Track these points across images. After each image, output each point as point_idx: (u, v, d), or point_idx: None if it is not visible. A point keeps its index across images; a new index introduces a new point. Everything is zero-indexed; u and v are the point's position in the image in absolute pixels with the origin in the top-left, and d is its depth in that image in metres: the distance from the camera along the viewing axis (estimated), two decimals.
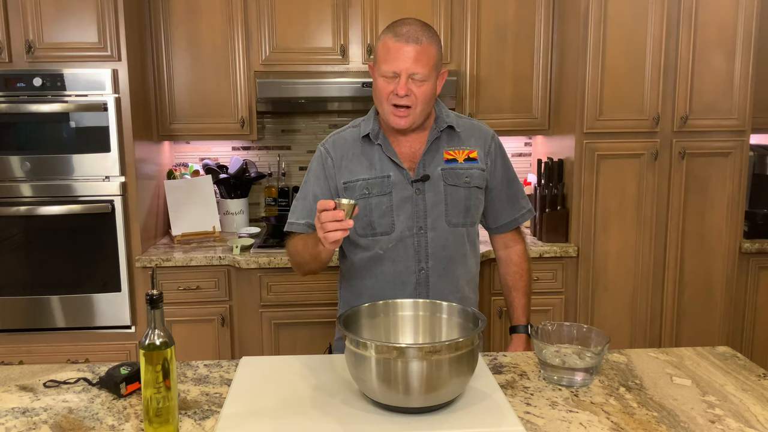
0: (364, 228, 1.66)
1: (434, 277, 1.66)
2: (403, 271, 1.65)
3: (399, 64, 1.54)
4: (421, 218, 1.64)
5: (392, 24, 1.60)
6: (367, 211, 1.64)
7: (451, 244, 1.67)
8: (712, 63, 2.79)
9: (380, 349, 1.21)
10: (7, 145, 2.68)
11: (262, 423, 1.23)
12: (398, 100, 1.56)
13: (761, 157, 3.03)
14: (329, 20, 2.98)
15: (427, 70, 1.55)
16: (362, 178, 1.65)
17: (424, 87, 1.56)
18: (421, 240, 1.65)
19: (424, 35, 1.56)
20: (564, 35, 2.95)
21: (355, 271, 1.72)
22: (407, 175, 1.64)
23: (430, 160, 1.66)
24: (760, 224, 2.98)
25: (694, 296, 2.92)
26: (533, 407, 1.33)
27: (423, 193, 1.64)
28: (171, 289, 2.77)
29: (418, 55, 1.53)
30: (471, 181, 1.67)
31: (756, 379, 1.46)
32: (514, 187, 1.79)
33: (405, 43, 1.54)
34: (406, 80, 1.54)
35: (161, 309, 1.19)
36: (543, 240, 2.94)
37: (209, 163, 3.27)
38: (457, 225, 1.67)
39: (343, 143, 1.70)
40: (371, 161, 1.66)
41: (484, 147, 1.71)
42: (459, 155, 1.68)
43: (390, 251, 1.65)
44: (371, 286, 1.69)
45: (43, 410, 1.35)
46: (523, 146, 3.45)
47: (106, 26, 2.66)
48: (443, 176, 1.65)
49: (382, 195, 1.64)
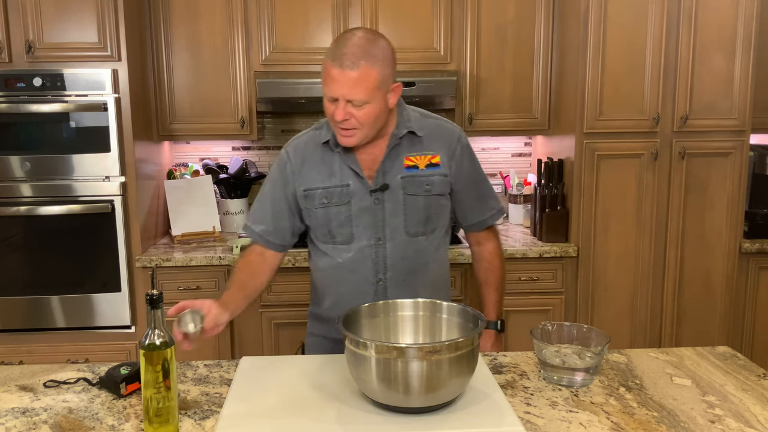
0: (324, 236, 1.65)
1: (392, 288, 1.64)
2: (361, 282, 1.64)
3: (336, 90, 1.48)
4: (380, 229, 1.62)
5: (336, 41, 1.52)
6: (326, 221, 1.63)
7: (411, 254, 1.64)
8: (712, 63, 2.79)
9: (380, 349, 1.21)
10: (7, 145, 2.68)
11: (262, 423, 1.23)
12: (341, 123, 1.52)
13: (761, 157, 3.03)
14: (329, 20, 2.98)
15: (365, 95, 1.48)
16: (322, 187, 1.62)
17: (364, 110, 1.50)
18: (380, 251, 1.63)
19: (364, 58, 1.47)
20: (564, 35, 2.95)
21: (320, 274, 1.72)
22: (366, 185, 1.61)
23: (389, 167, 1.62)
24: (760, 224, 2.97)
25: (694, 296, 2.92)
26: (533, 407, 1.33)
27: (382, 203, 1.61)
28: (171, 289, 2.77)
29: (354, 82, 1.47)
30: (432, 188, 1.63)
31: (756, 379, 1.46)
32: (483, 187, 1.76)
33: (341, 69, 1.46)
34: (344, 105, 1.49)
35: (161, 309, 1.19)
36: (543, 240, 2.94)
37: (209, 163, 3.27)
38: (417, 234, 1.65)
39: (304, 148, 1.67)
40: (331, 169, 1.63)
41: (448, 151, 1.66)
42: (420, 161, 1.63)
43: (349, 261, 1.64)
44: (334, 292, 1.69)
45: (43, 410, 1.35)
46: (523, 146, 3.45)
47: (106, 26, 2.65)
48: (402, 185, 1.62)
49: (341, 205, 1.61)
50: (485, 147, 3.43)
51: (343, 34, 1.53)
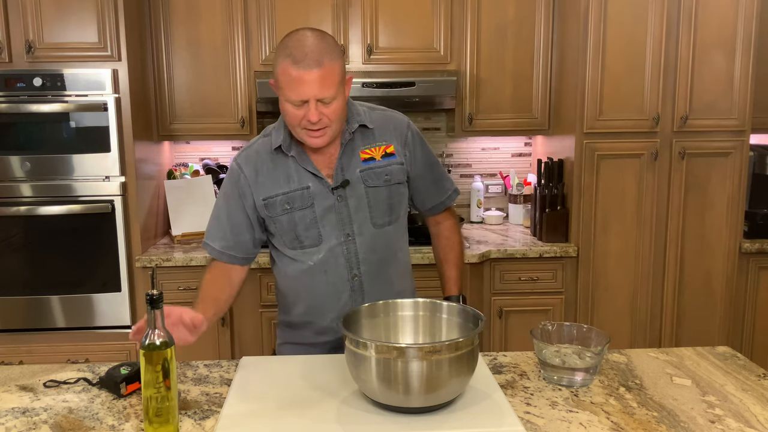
0: (291, 241, 1.62)
1: (368, 282, 1.63)
2: (336, 281, 1.62)
3: (305, 92, 1.45)
4: (347, 225, 1.61)
5: (289, 45, 1.47)
6: (292, 226, 1.60)
7: (380, 246, 1.64)
8: (712, 63, 2.79)
9: (380, 349, 1.21)
10: (7, 145, 2.68)
11: (262, 423, 1.23)
12: (312, 126, 1.49)
13: (761, 157, 3.03)
14: (329, 20, 2.98)
15: (333, 90, 1.47)
16: (281, 193, 1.59)
17: (333, 106, 1.49)
18: (350, 247, 1.61)
19: (325, 55, 1.45)
20: (564, 35, 2.95)
21: (288, 282, 1.69)
22: (326, 184, 1.59)
23: (347, 163, 1.61)
24: (760, 224, 2.97)
25: (694, 296, 2.92)
26: (533, 407, 1.33)
27: (345, 200, 1.60)
28: (171, 289, 2.77)
29: (322, 80, 1.45)
30: (391, 178, 1.63)
31: (756, 379, 1.46)
32: (437, 171, 1.76)
33: (306, 69, 1.43)
34: (315, 105, 1.47)
35: (161, 309, 1.19)
36: (543, 240, 2.94)
37: (209, 163, 3.27)
38: (383, 225, 1.64)
39: (255, 157, 1.62)
40: (288, 174, 1.60)
41: (400, 139, 1.66)
42: (376, 152, 1.63)
43: (321, 263, 1.62)
44: (306, 297, 1.66)
45: (43, 410, 1.35)
46: (523, 146, 3.45)
47: (106, 26, 2.66)
48: (363, 178, 1.61)
49: (304, 208, 1.59)
50: (485, 147, 3.43)
51: (293, 37, 1.49)
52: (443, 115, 3.33)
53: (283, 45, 1.49)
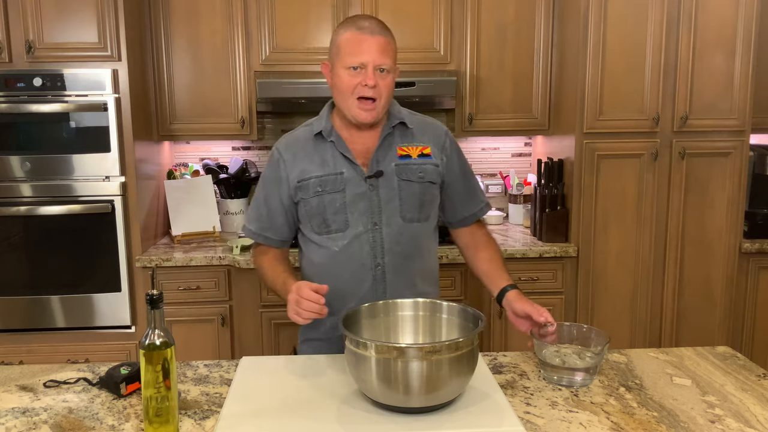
0: (318, 226, 1.66)
1: (390, 274, 1.65)
2: (359, 269, 1.65)
3: (365, 56, 1.54)
4: (376, 214, 1.64)
5: (350, 19, 1.62)
6: (321, 209, 1.64)
7: (406, 239, 1.66)
8: (712, 63, 2.79)
9: (380, 349, 1.21)
10: (7, 145, 2.68)
11: (262, 423, 1.23)
12: (366, 92, 1.56)
13: (761, 157, 3.03)
14: (329, 20, 2.98)
15: (391, 62, 1.58)
16: (315, 176, 1.64)
17: (388, 79, 1.58)
18: (377, 236, 1.64)
19: (386, 29, 1.59)
20: (564, 35, 2.95)
21: (314, 269, 1.71)
22: (360, 172, 1.63)
23: (383, 156, 1.65)
24: (760, 224, 2.97)
25: (694, 296, 2.92)
26: (533, 407, 1.33)
27: (377, 189, 1.63)
28: (171, 289, 2.77)
29: (383, 48, 1.56)
30: (425, 176, 1.66)
31: (756, 379, 1.46)
32: (472, 182, 1.79)
33: (370, 35, 1.55)
34: (373, 71, 1.55)
35: (161, 309, 1.19)
36: (543, 240, 2.94)
37: (209, 163, 3.27)
38: (412, 220, 1.66)
39: (295, 142, 1.70)
40: (324, 158, 1.65)
41: (437, 143, 1.70)
42: (412, 151, 1.67)
43: (345, 248, 1.64)
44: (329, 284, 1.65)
45: (43, 410, 1.35)
46: (523, 146, 3.45)
47: (106, 26, 2.66)
48: (396, 172, 1.64)
49: (335, 192, 1.63)
50: (485, 147, 3.43)
51: (354, 16, 1.63)
52: (443, 115, 3.33)
53: (344, 22, 1.62)
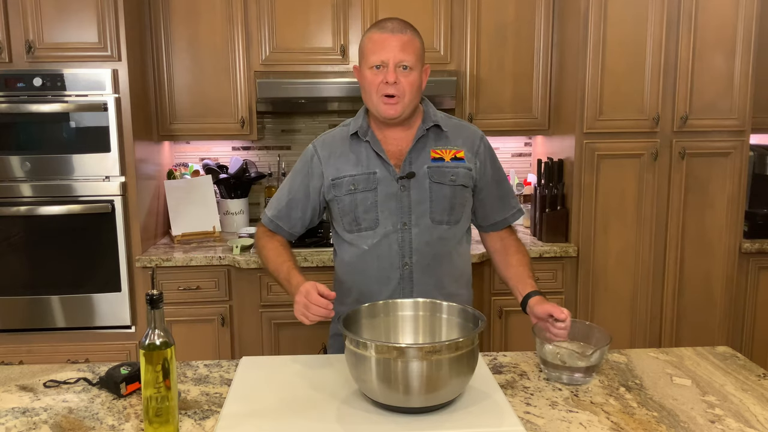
0: (349, 224, 1.69)
1: (418, 273, 1.67)
2: (387, 267, 1.67)
3: (386, 54, 1.59)
4: (406, 214, 1.66)
5: (376, 22, 1.67)
6: (353, 207, 1.67)
7: (435, 240, 1.68)
8: (712, 63, 2.79)
9: (380, 349, 1.21)
10: (7, 145, 2.68)
11: (262, 423, 1.23)
12: (387, 89, 1.60)
13: (761, 157, 3.03)
14: (329, 20, 2.98)
15: (413, 58, 1.60)
16: (349, 174, 1.67)
17: (411, 76, 1.61)
18: (405, 236, 1.66)
19: (409, 28, 1.63)
20: (564, 35, 2.95)
21: (345, 268, 1.74)
22: (393, 172, 1.66)
23: (416, 157, 1.67)
24: (760, 224, 2.97)
25: (694, 296, 2.92)
26: (533, 407, 1.33)
27: (408, 190, 1.66)
28: (171, 289, 2.77)
29: (404, 45, 1.59)
30: (457, 179, 1.68)
31: (756, 379, 1.46)
32: (505, 187, 1.80)
33: (391, 34, 1.60)
34: (393, 68, 1.59)
35: (161, 309, 1.19)
36: (543, 240, 2.94)
37: (209, 163, 3.27)
38: (441, 222, 1.68)
39: (332, 141, 1.73)
40: (358, 158, 1.68)
41: (471, 148, 1.72)
42: (446, 154, 1.69)
43: (375, 247, 1.67)
44: (359, 282, 1.70)
45: (43, 410, 1.35)
46: (523, 146, 3.45)
47: (106, 26, 2.66)
48: (429, 174, 1.67)
49: (368, 191, 1.66)
50: None
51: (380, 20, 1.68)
52: None
53: (371, 26, 1.67)
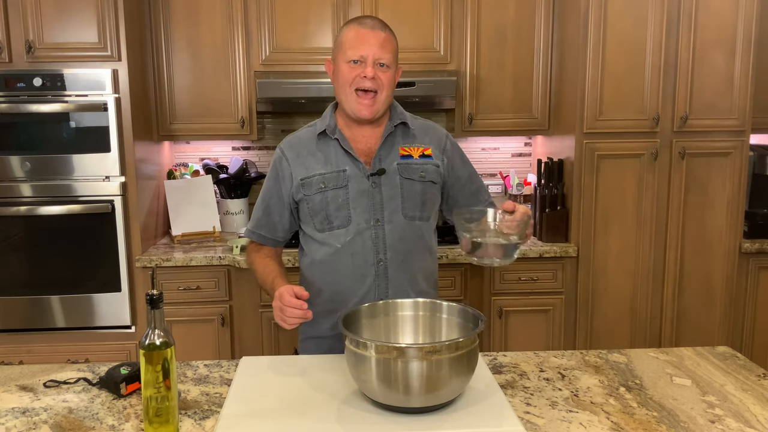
0: (321, 222, 1.68)
1: (393, 269, 1.67)
2: (361, 264, 1.66)
3: (366, 49, 1.60)
4: (378, 211, 1.66)
5: (354, 18, 1.68)
6: (324, 205, 1.66)
7: (408, 236, 1.68)
8: (712, 63, 2.79)
9: (380, 349, 1.21)
10: (7, 145, 2.68)
11: (262, 423, 1.23)
12: (365, 83, 1.60)
13: (761, 157, 3.03)
14: (329, 20, 2.98)
15: (391, 57, 1.62)
16: (318, 173, 1.67)
17: (388, 74, 1.62)
18: (379, 232, 1.66)
19: (387, 28, 1.65)
20: (564, 35, 2.95)
21: (316, 268, 1.72)
22: (363, 169, 1.66)
23: (385, 155, 1.68)
24: (760, 224, 2.97)
25: (694, 296, 2.92)
26: (533, 407, 1.33)
27: (379, 187, 1.66)
28: (171, 289, 2.77)
29: (383, 43, 1.61)
30: (426, 175, 1.69)
31: (756, 379, 1.46)
32: (477, 182, 1.82)
33: (371, 30, 1.61)
34: (372, 64, 1.60)
35: (161, 309, 1.19)
36: (543, 240, 2.94)
37: (209, 163, 3.27)
38: (414, 218, 1.69)
39: (298, 142, 1.73)
40: (327, 156, 1.68)
41: (439, 145, 1.74)
42: (414, 152, 1.71)
43: (348, 245, 1.66)
44: (332, 281, 1.69)
45: (43, 410, 1.35)
46: (523, 146, 3.45)
47: (106, 26, 2.66)
48: (399, 170, 1.68)
49: (338, 188, 1.65)
50: (485, 147, 3.43)
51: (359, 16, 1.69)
52: (443, 115, 3.33)
53: (348, 21, 1.69)
